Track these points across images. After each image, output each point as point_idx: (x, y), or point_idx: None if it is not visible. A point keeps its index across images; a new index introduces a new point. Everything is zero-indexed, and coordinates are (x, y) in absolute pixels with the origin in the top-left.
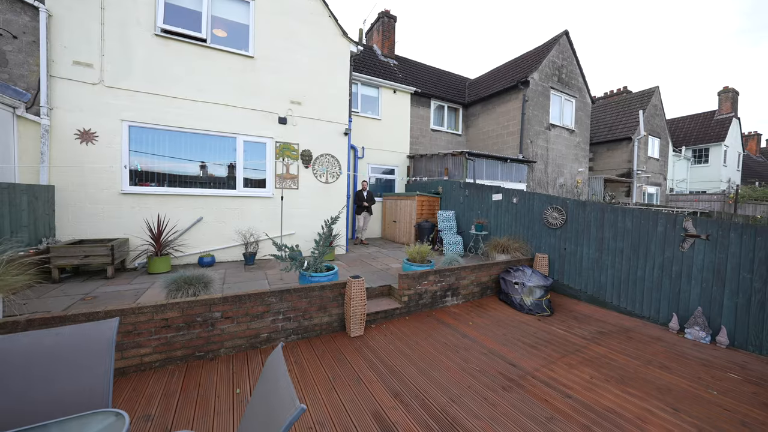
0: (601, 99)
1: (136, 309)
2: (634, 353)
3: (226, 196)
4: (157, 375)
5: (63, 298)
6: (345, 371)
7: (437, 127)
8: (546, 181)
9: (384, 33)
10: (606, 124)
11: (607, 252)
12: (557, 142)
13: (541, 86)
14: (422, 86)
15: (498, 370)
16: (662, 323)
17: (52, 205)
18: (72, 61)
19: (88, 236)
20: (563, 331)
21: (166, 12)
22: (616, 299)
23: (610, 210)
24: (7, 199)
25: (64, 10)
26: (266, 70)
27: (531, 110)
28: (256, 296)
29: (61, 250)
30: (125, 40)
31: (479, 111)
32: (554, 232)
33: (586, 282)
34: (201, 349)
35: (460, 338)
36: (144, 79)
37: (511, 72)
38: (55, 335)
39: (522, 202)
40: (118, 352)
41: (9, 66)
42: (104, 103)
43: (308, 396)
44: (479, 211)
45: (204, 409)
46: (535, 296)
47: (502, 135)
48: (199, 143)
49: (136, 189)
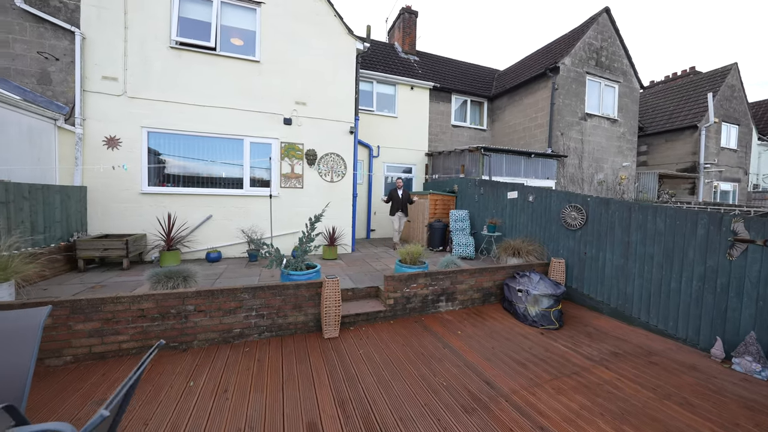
0: (661, 83)
1: (114, 299)
2: (650, 383)
3: (233, 196)
4: (131, 361)
5: (77, 285)
6: (302, 373)
7: (459, 122)
8: (581, 177)
9: (405, 29)
10: (665, 112)
11: (634, 258)
12: (595, 134)
13: (575, 72)
14: (443, 81)
15: (468, 387)
16: (703, 348)
17: (84, 203)
18: (101, 76)
19: (113, 231)
20: (567, 348)
21: (180, 25)
22: (645, 315)
23: (638, 209)
24: (42, 199)
25: (95, 32)
26: (272, 73)
27: (562, 99)
28: (228, 292)
29: (85, 244)
30: (144, 55)
31: (505, 104)
32: (573, 234)
33: (609, 292)
34: (175, 339)
35: (440, 348)
36: (160, 89)
37: (541, 59)
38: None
39: (539, 201)
40: (98, 338)
41: (52, 84)
42: (127, 112)
43: (253, 396)
44: (494, 211)
45: (153, 398)
46: (541, 306)
47: (530, 128)
48: (210, 145)
49: (154, 189)
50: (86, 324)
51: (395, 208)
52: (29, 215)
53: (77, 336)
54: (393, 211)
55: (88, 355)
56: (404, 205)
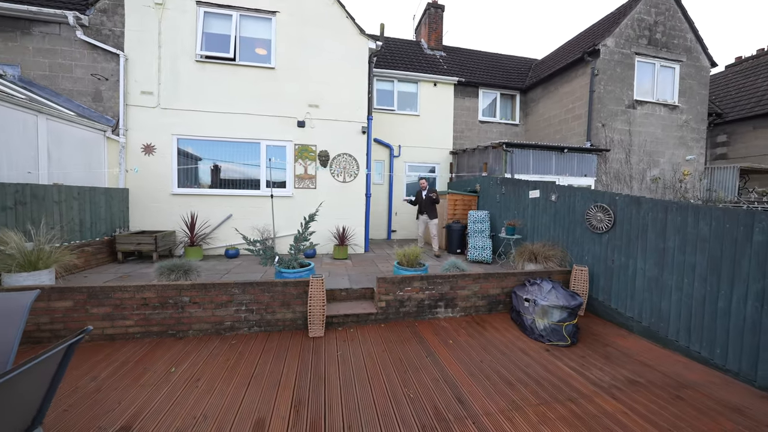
0: (751, 59)
1: (122, 287)
2: (668, 421)
3: (250, 196)
4: (133, 344)
5: (111, 275)
6: (273, 370)
7: (488, 118)
8: (628, 174)
9: (431, 25)
10: (753, 94)
11: (670, 268)
12: (647, 123)
13: (620, 53)
14: (470, 75)
15: (435, 402)
16: (761, 386)
17: (126, 203)
18: (140, 91)
19: (149, 228)
20: (571, 369)
21: (204, 40)
22: (684, 338)
23: (676, 209)
24: (89, 199)
25: (136, 54)
26: (286, 79)
27: (603, 86)
28: (220, 286)
29: (122, 239)
30: (174, 69)
31: (539, 95)
32: (599, 238)
33: (641, 308)
34: (173, 327)
35: (422, 357)
36: (188, 99)
37: (580, 44)
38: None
39: (562, 200)
40: (109, 321)
41: (103, 101)
42: (160, 122)
43: (219, 388)
44: (515, 212)
45: (136, 380)
46: (551, 319)
47: (566, 120)
48: (230, 149)
49: (182, 190)
50: (99, 308)
51: (419, 210)
52: (78, 213)
53: (93, 318)
54: (418, 213)
55: (101, 336)
56: (429, 206)
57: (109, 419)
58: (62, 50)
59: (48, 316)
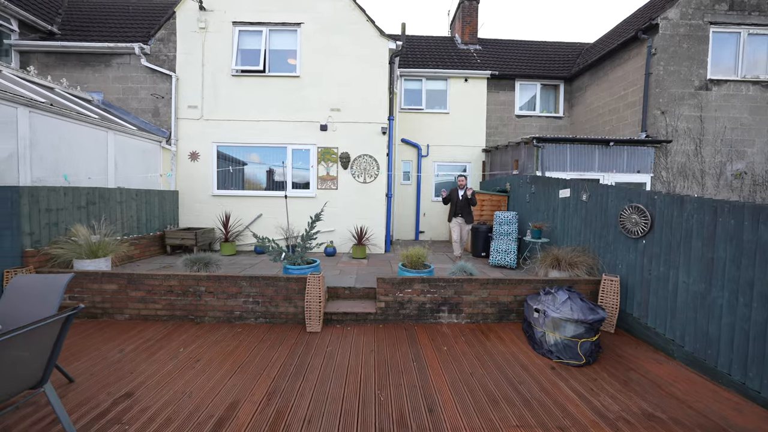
0: None
1: (151, 275)
2: None
3: (278, 197)
4: (159, 325)
5: (156, 264)
6: (263, 359)
7: (526, 111)
8: (700, 169)
9: (464, 19)
10: None
11: (720, 283)
12: (728, 107)
13: (687, 26)
14: (506, 67)
15: (403, 410)
16: None
17: (176, 203)
18: (187, 105)
19: (194, 225)
20: (575, 393)
21: (239, 56)
22: (739, 371)
23: (728, 211)
24: (145, 199)
25: (185, 73)
26: (310, 86)
27: (663, 66)
28: (231, 278)
29: (170, 234)
30: (214, 84)
31: (586, 83)
32: (634, 245)
33: (683, 329)
34: (192, 313)
35: (408, 361)
36: (225, 110)
37: (637, 20)
38: (28, 278)
39: (593, 200)
40: (143, 304)
41: (160, 116)
42: (203, 132)
43: (211, 370)
44: (545, 213)
45: (150, 356)
46: (565, 333)
47: (617, 109)
48: (261, 154)
49: (220, 192)
50: (136, 292)
51: (452, 211)
52: (136, 212)
53: (131, 300)
54: (450, 215)
55: (138, 316)
56: (465, 208)
57: (119, 386)
58: (131, 76)
59: (100, 296)
